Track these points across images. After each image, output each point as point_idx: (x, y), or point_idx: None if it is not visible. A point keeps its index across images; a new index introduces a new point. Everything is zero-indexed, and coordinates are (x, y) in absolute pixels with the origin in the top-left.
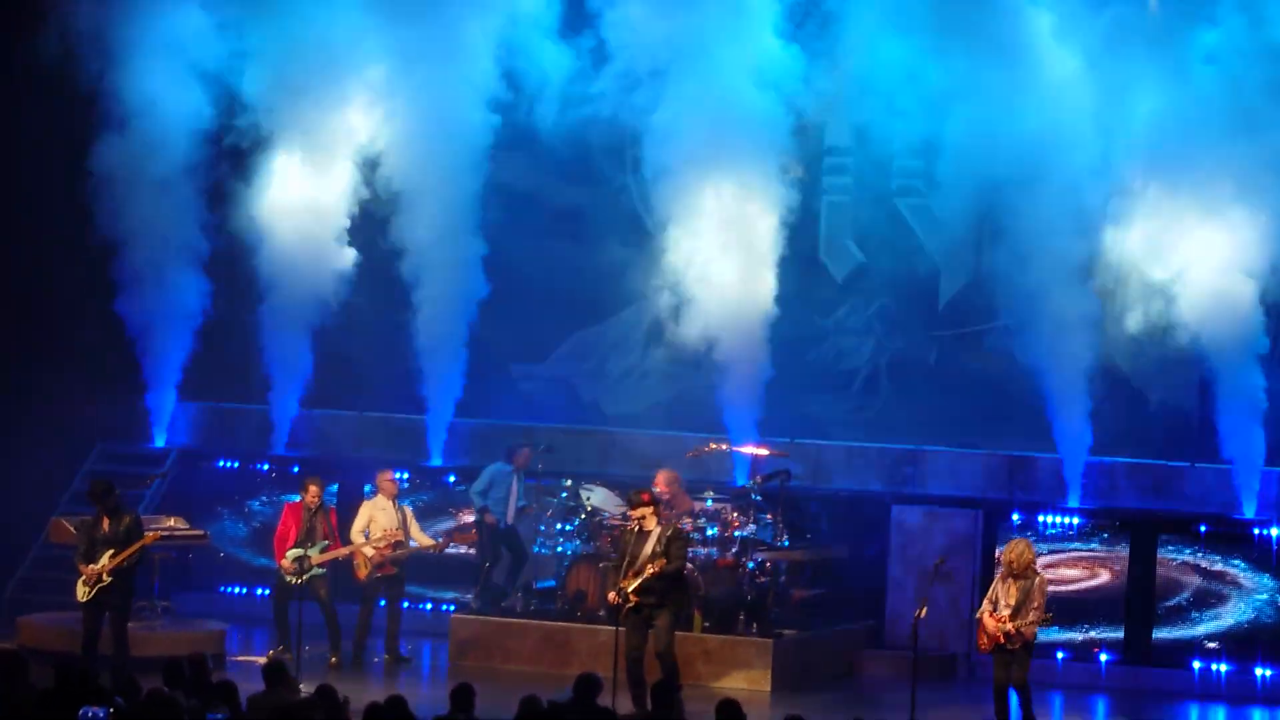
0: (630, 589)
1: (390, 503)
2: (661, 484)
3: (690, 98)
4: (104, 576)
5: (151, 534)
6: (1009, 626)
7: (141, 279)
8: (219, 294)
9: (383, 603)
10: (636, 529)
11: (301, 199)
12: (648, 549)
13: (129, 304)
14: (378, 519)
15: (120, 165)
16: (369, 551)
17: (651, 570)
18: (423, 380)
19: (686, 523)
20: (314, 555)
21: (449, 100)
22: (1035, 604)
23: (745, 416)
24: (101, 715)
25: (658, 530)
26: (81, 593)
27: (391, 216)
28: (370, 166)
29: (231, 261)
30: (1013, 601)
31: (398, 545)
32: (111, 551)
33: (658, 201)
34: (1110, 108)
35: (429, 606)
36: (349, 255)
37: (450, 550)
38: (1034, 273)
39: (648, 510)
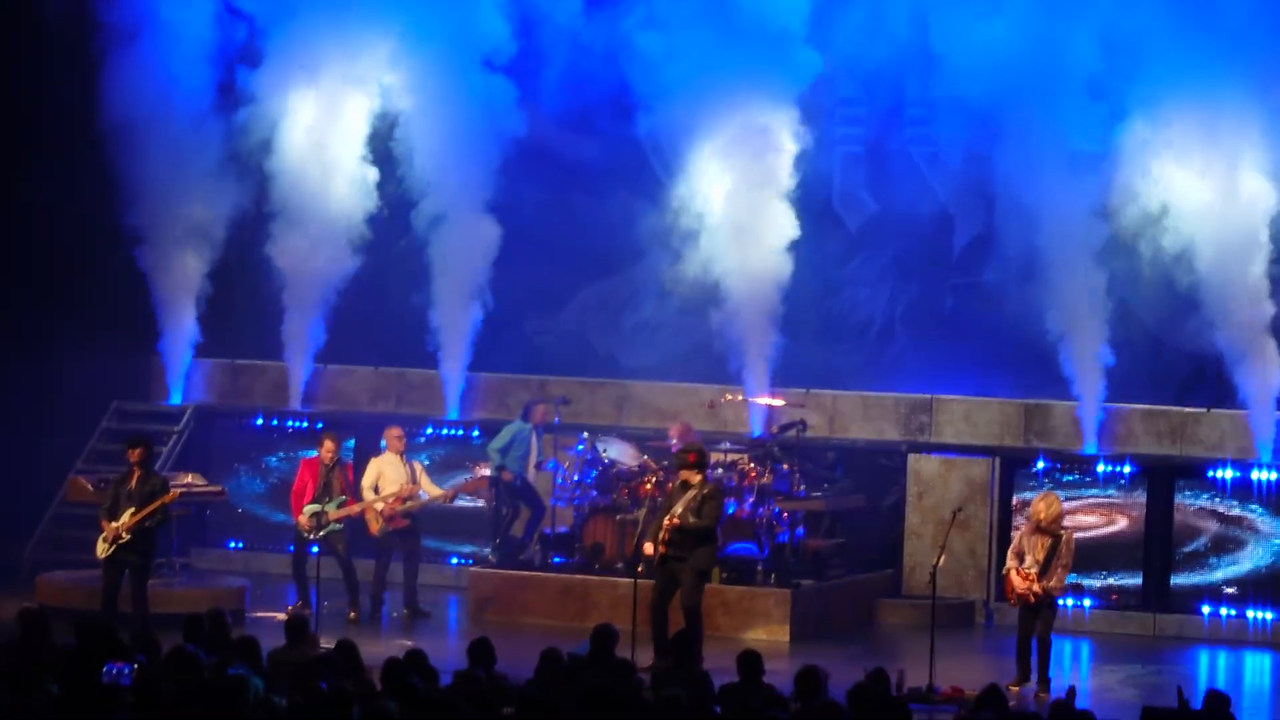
0: (660, 540)
1: (399, 458)
2: (675, 435)
3: (701, 47)
4: (123, 534)
5: (172, 492)
6: (1037, 587)
7: (156, 235)
8: (234, 249)
9: (398, 557)
10: (680, 484)
11: (315, 151)
12: (681, 504)
13: (143, 261)
14: (386, 474)
15: (132, 117)
16: (380, 506)
17: (670, 522)
18: (437, 334)
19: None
20: (331, 511)
21: (461, 50)
22: (1063, 560)
23: (760, 367)
24: (126, 672)
25: (696, 489)
26: (101, 550)
27: (404, 169)
28: (384, 118)
29: (245, 216)
30: (1041, 557)
31: (408, 498)
32: (132, 509)
33: (670, 152)
34: (1126, 40)
35: (454, 561)
36: (364, 208)
37: (464, 504)
38: (1046, 218)
39: (692, 469)
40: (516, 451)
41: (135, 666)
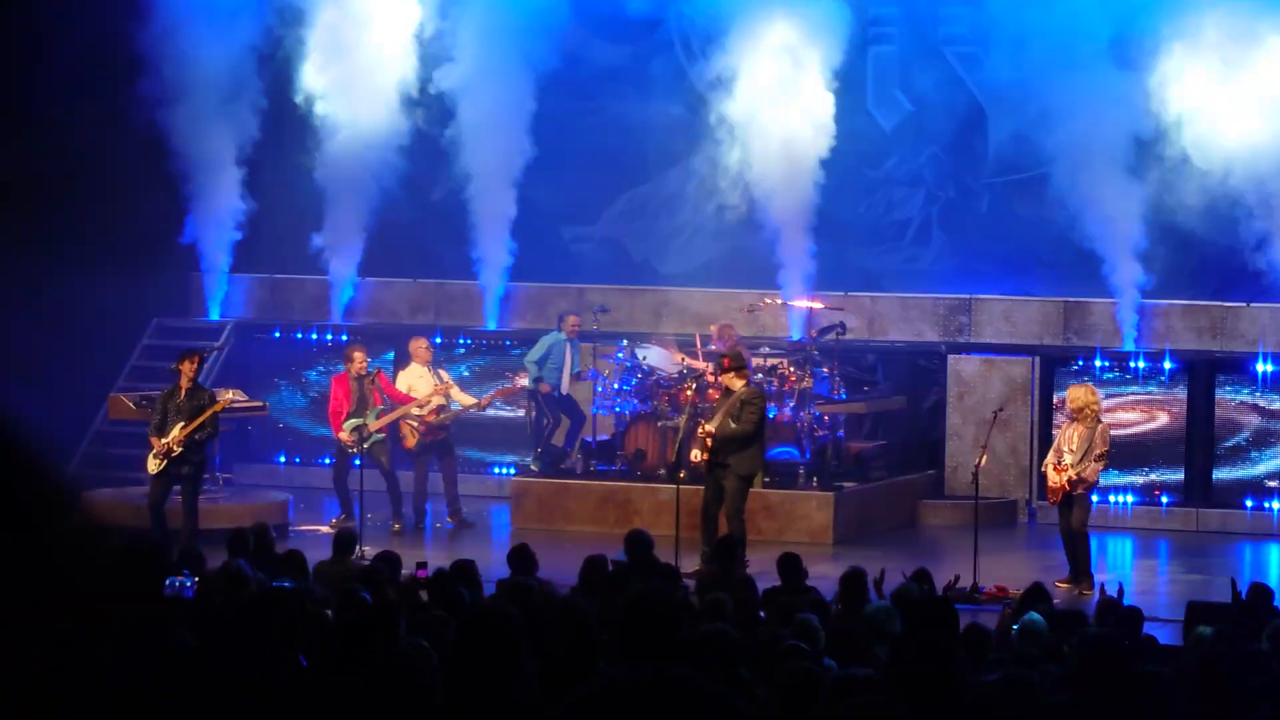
0: (705, 448)
1: (426, 369)
2: (715, 336)
3: None
4: (174, 448)
5: (221, 400)
6: (1071, 474)
7: (193, 150)
8: (271, 164)
9: (435, 468)
10: (724, 390)
11: (354, 66)
12: (721, 412)
13: (182, 176)
14: (416, 386)
15: (172, 33)
16: (416, 412)
17: (705, 429)
18: (475, 245)
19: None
20: (371, 423)
21: None
22: (1098, 450)
23: (798, 271)
24: (189, 584)
25: (738, 393)
26: (153, 466)
27: (441, 80)
28: (420, 27)
29: (282, 130)
30: (1075, 448)
31: (441, 409)
32: (181, 423)
33: (704, 57)
34: None
35: (495, 470)
36: (402, 122)
37: (504, 414)
38: (1082, 116)
39: (730, 374)
40: (552, 362)
41: (197, 580)
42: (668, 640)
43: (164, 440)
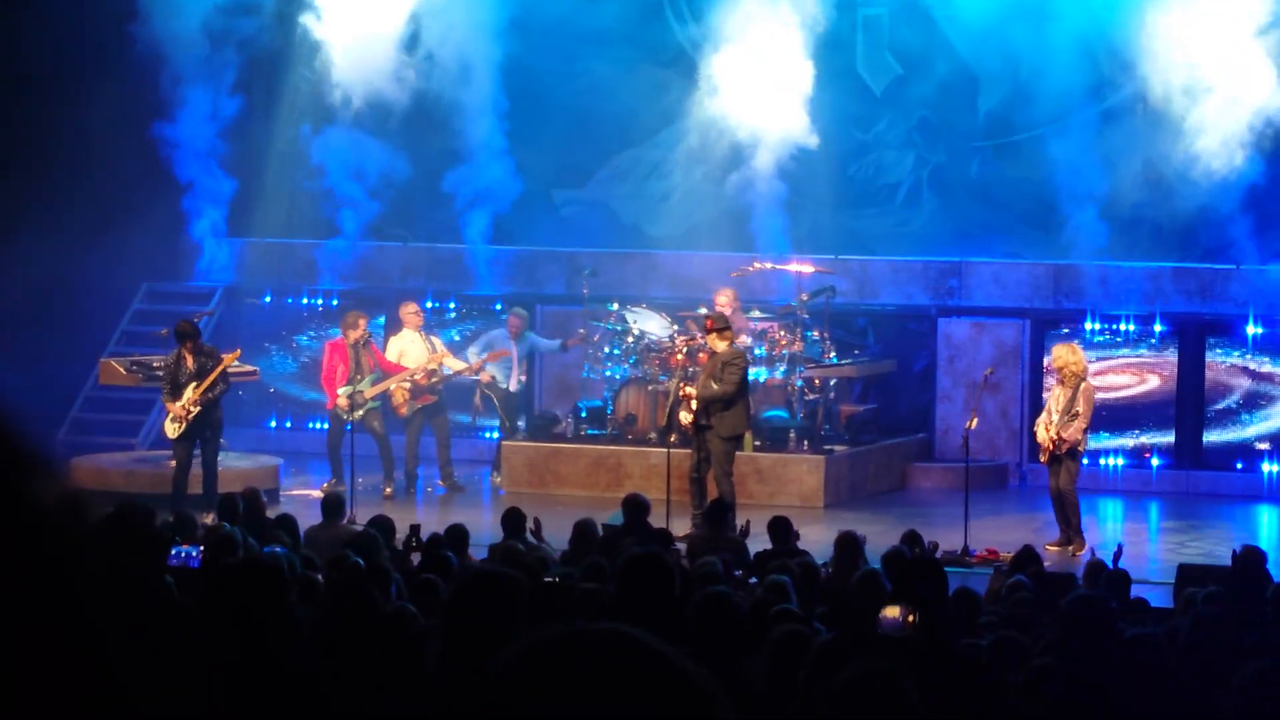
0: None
1: (417, 334)
2: (719, 302)
3: None
4: (191, 409)
5: (230, 355)
6: (1054, 433)
7: (183, 114)
8: (262, 128)
9: (428, 433)
10: (710, 353)
11: (344, 25)
12: (704, 374)
13: (171, 140)
14: (408, 351)
15: None
16: (409, 380)
17: (685, 391)
18: (465, 208)
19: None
20: (366, 390)
21: None
22: (1078, 408)
23: (788, 234)
24: (195, 554)
25: (719, 354)
26: (171, 430)
27: (430, 40)
28: None
29: (272, 93)
30: (1060, 409)
31: (432, 372)
32: (195, 384)
33: (692, 17)
34: None
35: (489, 435)
36: (394, 82)
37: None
38: (1071, 78)
39: (712, 335)
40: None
41: (203, 548)
42: (663, 600)
43: (180, 404)
